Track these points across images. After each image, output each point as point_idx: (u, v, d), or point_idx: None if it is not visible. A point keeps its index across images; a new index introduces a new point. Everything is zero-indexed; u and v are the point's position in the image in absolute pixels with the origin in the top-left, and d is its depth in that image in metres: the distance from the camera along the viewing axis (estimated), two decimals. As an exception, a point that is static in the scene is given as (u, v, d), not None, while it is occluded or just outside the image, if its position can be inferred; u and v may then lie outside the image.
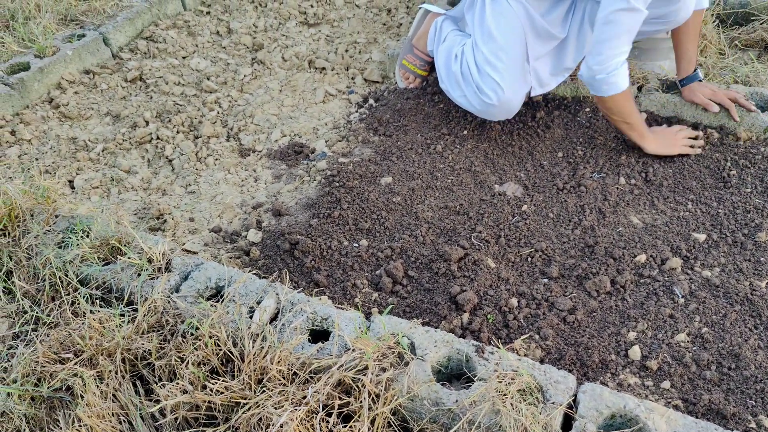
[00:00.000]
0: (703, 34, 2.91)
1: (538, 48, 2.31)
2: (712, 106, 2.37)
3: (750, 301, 1.77)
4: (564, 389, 1.43)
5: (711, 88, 2.41)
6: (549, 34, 2.30)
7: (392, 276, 1.87)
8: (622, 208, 2.09)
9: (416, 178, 2.25)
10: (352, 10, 3.48)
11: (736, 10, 3.12)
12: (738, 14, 3.13)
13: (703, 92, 2.40)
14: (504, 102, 2.28)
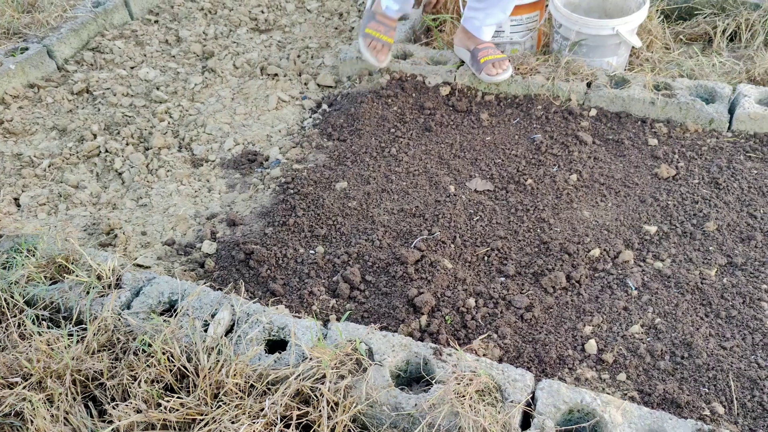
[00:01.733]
0: (648, 30, 2.97)
1: None
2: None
3: (700, 290, 1.80)
4: (522, 387, 1.44)
5: None
6: None
7: (349, 282, 1.86)
8: (575, 203, 2.12)
9: (371, 182, 2.24)
10: (304, 15, 3.46)
11: (679, 5, 3.20)
12: (681, 9, 3.20)
13: None
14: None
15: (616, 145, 2.37)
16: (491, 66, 2.60)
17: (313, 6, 3.52)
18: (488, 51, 2.64)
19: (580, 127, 2.45)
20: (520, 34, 2.90)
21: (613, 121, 2.48)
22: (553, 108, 2.55)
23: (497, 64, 2.61)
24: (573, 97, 2.57)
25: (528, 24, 2.89)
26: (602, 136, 2.41)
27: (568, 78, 2.61)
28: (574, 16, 2.66)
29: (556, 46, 2.87)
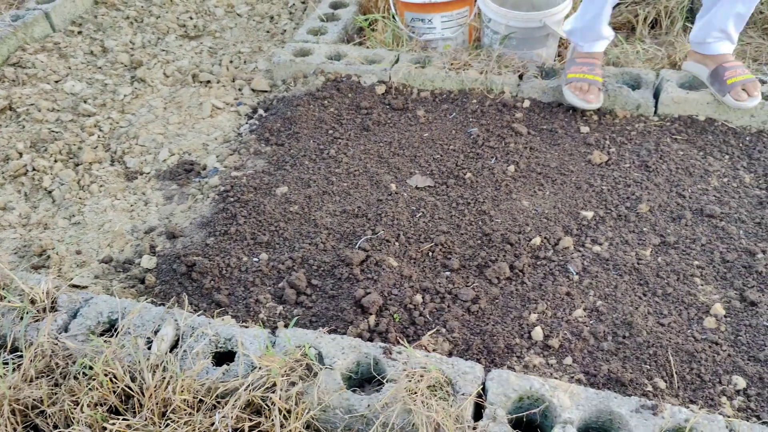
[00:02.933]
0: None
1: None
2: None
3: (637, 271, 1.86)
4: (472, 379, 1.46)
5: None
6: None
7: (295, 287, 1.84)
8: (514, 194, 2.16)
9: (312, 185, 2.22)
10: (234, 19, 3.41)
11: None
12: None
13: None
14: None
15: (550, 134, 2.42)
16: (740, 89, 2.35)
17: (243, 10, 3.47)
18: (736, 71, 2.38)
19: (515, 118, 2.49)
20: (452, 30, 2.94)
21: (546, 111, 2.54)
22: (487, 101, 2.59)
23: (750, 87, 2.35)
24: (506, 90, 2.62)
25: (458, 19, 2.92)
26: (536, 127, 2.46)
27: (500, 71, 2.66)
28: (503, 10, 2.71)
29: (487, 41, 2.91)
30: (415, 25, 2.94)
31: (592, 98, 2.43)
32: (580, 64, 2.48)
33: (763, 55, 2.92)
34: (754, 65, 2.86)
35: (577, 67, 2.47)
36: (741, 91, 2.32)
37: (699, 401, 1.51)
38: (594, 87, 2.44)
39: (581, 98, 2.44)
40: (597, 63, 2.49)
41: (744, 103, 2.32)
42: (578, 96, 2.44)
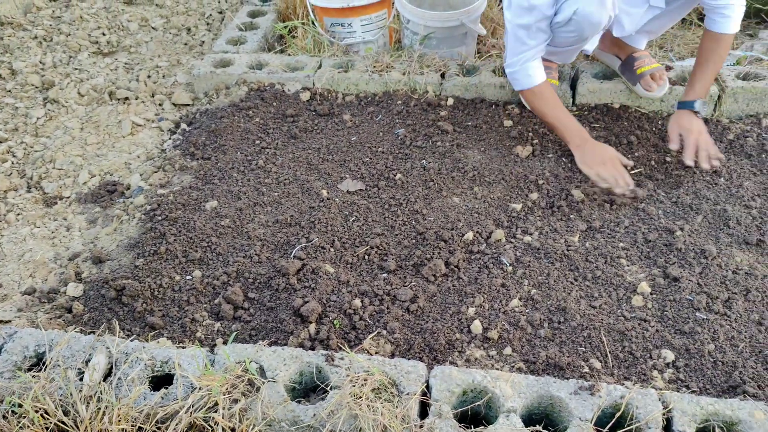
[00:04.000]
0: (490, 18, 3.13)
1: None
2: (672, 142, 2.24)
3: (567, 257, 1.92)
4: (416, 378, 1.47)
5: (693, 127, 2.21)
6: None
7: (232, 302, 1.81)
8: (444, 191, 2.18)
9: (242, 197, 2.19)
10: (149, 33, 3.32)
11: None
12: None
13: (681, 123, 2.24)
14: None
15: (475, 130, 2.47)
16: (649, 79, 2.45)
17: (158, 23, 3.39)
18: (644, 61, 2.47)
19: (440, 117, 2.53)
20: (372, 33, 2.95)
21: (469, 108, 2.58)
22: (412, 102, 2.61)
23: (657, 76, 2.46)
24: (429, 89, 2.65)
25: (378, 22, 2.94)
26: (461, 124, 2.50)
27: (422, 71, 2.69)
28: (420, 11, 2.74)
29: (408, 42, 2.94)
30: (336, 30, 2.94)
31: None
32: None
33: (668, 43, 3.07)
34: (661, 52, 3.00)
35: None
36: (650, 81, 2.43)
37: (633, 377, 1.57)
38: None
39: None
40: (554, 67, 2.57)
41: (653, 93, 2.44)
42: None
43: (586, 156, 2.20)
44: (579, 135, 2.23)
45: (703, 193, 2.13)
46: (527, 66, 2.22)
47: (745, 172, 2.22)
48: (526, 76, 2.24)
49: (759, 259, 1.89)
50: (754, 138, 2.36)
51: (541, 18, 2.09)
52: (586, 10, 2.01)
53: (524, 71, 2.24)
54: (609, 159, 2.17)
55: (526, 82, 2.25)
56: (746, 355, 1.62)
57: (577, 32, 2.12)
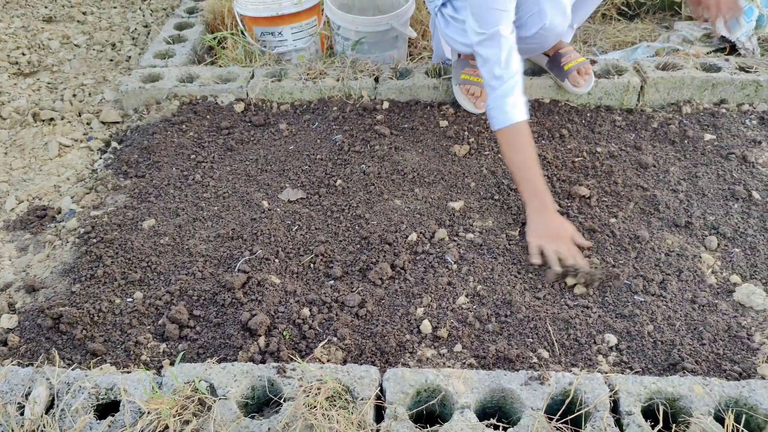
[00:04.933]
0: (420, 20, 3.17)
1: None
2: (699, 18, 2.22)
3: (509, 251, 1.96)
4: (369, 382, 1.47)
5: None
6: None
7: (177, 321, 1.76)
8: (385, 194, 2.19)
9: (181, 214, 2.14)
10: (72, 50, 3.21)
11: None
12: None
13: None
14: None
15: (412, 132, 2.49)
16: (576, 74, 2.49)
17: (80, 40, 3.28)
18: (570, 56, 2.51)
19: (377, 121, 2.54)
20: (303, 41, 2.94)
21: (405, 110, 2.61)
22: (348, 107, 2.62)
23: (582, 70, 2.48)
24: (364, 94, 2.66)
25: (308, 30, 2.94)
26: (398, 126, 2.52)
27: (356, 76, 2.70)
28: (350, 16, 2.75)
29: (340, 48, 2.95)
30: (266, 39, 2.92)
31: (482, 105, 2.50)
32: (474, 66, 2.48)
33: (591, 38, 3.18)
34: (585, 47, 3.11)
35: (471, 69, 2.48)
36: (577, 77, 2.51)
37: (579, 363, 1.62)
38: (486, 92, 2.46)
39: (473, 103, 2.52)
40: None
41: (580, 89, 2.52)
42: (470, 100, 2.52)
43: (539, 225, 1.93)
44: (541, 199, 1.95)
45: (633, 181, 2.21)
46: (504, 101, 1.97)
47: (671, 158, 2.32)
48: (502, 113, 1.98)
49: (688, 240, 1.98)
50: (676, 125, 2.47)
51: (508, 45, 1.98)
52: (554, 22, 2.07)
53: (500, 107, 1.97)
54: (563, 236, 1.91)
55: (501, 119, 1.98)
56: (683, 332, 1.69)
57: (540, 43, 2.17)
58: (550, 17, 2.04)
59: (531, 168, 1.97)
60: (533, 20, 2.07)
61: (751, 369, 1.57)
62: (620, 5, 3.43)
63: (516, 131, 1.97)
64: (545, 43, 2.17)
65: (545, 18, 2.04)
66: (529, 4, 2.07)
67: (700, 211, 2.08)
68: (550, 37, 2.13)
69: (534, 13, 2.07)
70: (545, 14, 2.05)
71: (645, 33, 3.23)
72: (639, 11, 3.45)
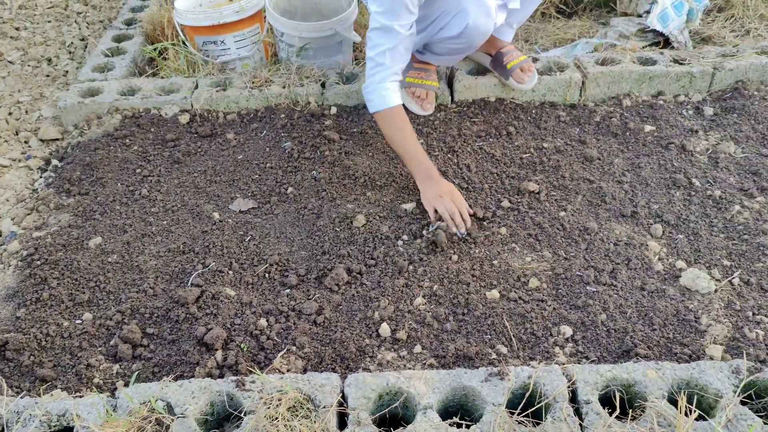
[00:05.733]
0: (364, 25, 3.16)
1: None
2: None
3: (463, 247, 1.97)
4: (330, 390, 1.46)
5: None
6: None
7: (129, 341, 1.72)
8: (338, 200, 2.19)
9: (128, 230, 2.09)
10: (5, 67, 3.09)
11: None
12: None
13: None
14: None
15: (361, 136, 2.49)
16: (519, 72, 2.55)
17: (14, 57, 3.17)
18: (512, 55, 2.57)
19: (325, 126, 2.53)
20: (247, 49, 2.91)
21: (353, 115, 2.61)
22: (295, 114, 2.60)
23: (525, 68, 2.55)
24: (311, 100, 2.65)
25: (251, 37, 2.90)
26: (347, 131, 2.52)
27: (302, 83, 2.68)
28: (293, 22, 2.74)
29: (284, 54, 2.93)
30: (209, 49, 2.88)
31: (429, 107, 2.56)
32: (418, 69, 2.56)
33: (532, 36, 3.24)
34: (527, 45, 3.17)
35: (415, 72, 2.55)
36: (521, 74, 2.55)
37: (537, 356, 1.64)
38: (431, 94, 2.57)
39: (419, 105, 2.56)
40: (433, 69, 2.59)
41: (524, 85, 2.57)
42: (417, 103, 2.56)
43: (427, 192, 2.09)
44: (426, 170, 2.12)
45: (579, 174, 2.26)
46: (381, 87, 2.13)
47: (614, 151, 2.38)
48: (380, 98, 2.14)
49: (635, 229, 2.03)
50: (618, 118, 2.54)
51: (399, 41, 2.09)
52: (477, 22, 2.09)
53: (378, 92, 2.14)
54: (446, 193, 2.06)
55: (379, 103, 2.15)
56: (634, 319, 1.73)
57: (468, 43, 2.20)
58: (473, 17, 2.08)
59: (411, 143, 2.15)
60: (456, 21, 2.10)
61: (700, 351, 1.62)
62: (558, 3, 3.51)
63: (393, 113, 2.15)
64: (472, 42, 2.20)
65: (468, 18, 2.08)
66: (452, 5, 2.11)
67: (645, 201, 2.14)
68: (476, 36, 2.16)
69: (457, 14, 2.11)
70: (468, 14, 2.08)
71: (583, 30, 3.31)
72: (576, 9, 3.53)
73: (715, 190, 2.15)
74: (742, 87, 2.63)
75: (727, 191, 2.15)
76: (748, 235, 1.98)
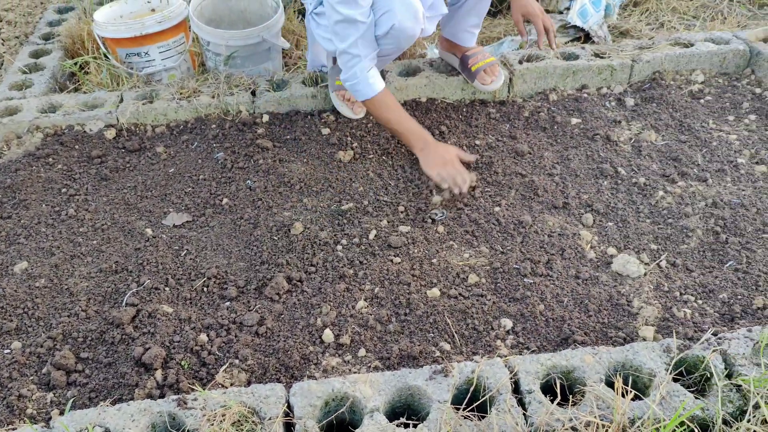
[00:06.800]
0: (291, 30, 3.15)
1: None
2: (522, 33, 2.44)
3: (401, 249, 1.99)
4: (275, 401, 1.44)
5: (536, 9, 2.41)
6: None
7: (63, 367, 1.65)
8: (274, 208, 2.16)
9: (56, 252, 2.01)
10: None
11: (311, 3, 3.43)
12: (314, 7, 3.45)
13: (524, 11, 2.41)
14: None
15: (295, 142, 2.48)
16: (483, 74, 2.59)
17: None
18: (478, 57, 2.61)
19: (258, 134, 2.50)
20: (172, 59, 2.85)
21: (285, 122, 2.59)
22: (227, 124, 2.56)
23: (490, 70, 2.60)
24: (242, 109, 2.61)
25: (176, 48, 2.85)
26: (280, 138, 2.50)
27: (232, 92, 2.64)
28: (218, 31, 2.70)
29: (212, 64, 2.88)
30: (133, 61, 2.80)
31: (359, 110, 2.56)
32: None
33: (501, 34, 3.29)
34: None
35: None
36: (485, 76, 2.60)
37: (480, 351, 1.67)
38: None
39: (350, 108, 2.56)
40: None
41: (489, 86, 2.61)
42: (348, 106, 2.56)
43: (429, 159, 2.20)
44: (422, 138, 2.24)
45: (512, 169, 2.31)
46: (367, 75, 2.18)
47: (544, 144, 2.44)
48: (367, 86, 2.19)
49: (567, 219, 2.09)
50: (546, 113, 2.61)
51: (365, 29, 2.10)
52: (403, 25, 2.11)
53: (365, 81, 2.18)
54: (450, 159, 2.19)
55: (368, 91, 2.20)
56: (571, 307, 1.78)
57: (395, 44, 2.21)
58: (399, 18, 2.10)
59: (405, 120, 2.27)
60: (384, 19, 2.12)
61: (634, 333, 1.68)
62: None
63: (383, 97, 2.23)
64: (399, 44, 2.22)
65: (395, 18, 2.10)
66: (382, 3, 2.13)
67: (575, 192, 2.20)
68: (402, 38, 2.18)
69: (385, 12, 2.12)
70: (395, 14, 2.10)
71: (508, 28, 3.38)
72: (501, 7, 3.61)
73: (640, 178, 2.24)
74: (659, 77, 2.75)
75: (650, 178, 2.24)
76: (672, 218, 2.07)
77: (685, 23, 3.39)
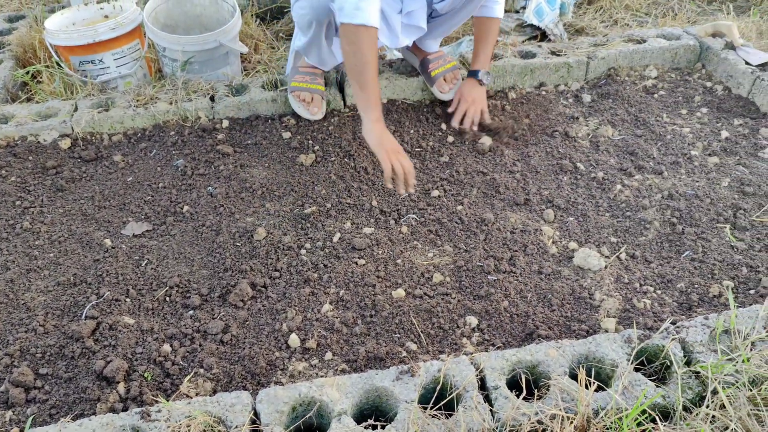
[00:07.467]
0: (250, 34, 3.13)
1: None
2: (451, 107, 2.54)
3: (365, 251, 1.98)
4: (241, 409, 1.42)
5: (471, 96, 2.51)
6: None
7: (21, 384, 1.60)
8: (237, 214, 2.14)
9: (11, 267, 1.96)
10: None
11: (269, 6, 3.42)
12: (273, 9, 3.44)
13: (463, 92, 2.52)
14: None
15: (256, 147, 2.46)
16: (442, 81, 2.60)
17: None
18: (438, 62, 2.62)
19: (218, 140, 2.47)
20: (128, 66, 2.80)
21: (246, 127, 2.56)
22: (186, 130, 2.53)
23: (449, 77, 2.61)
24: (201, 114, 2.58)
25: (132, 54, 2.80)
26: (241, 143, 2.48)
27: (190, 97, 2.61)
28: (174, 36, 2.66)
29: (169, 70, 2.84)
30: (87, 69, 2.74)
31: (316, 110, 2.54)
32: (303, 73, 2.55)
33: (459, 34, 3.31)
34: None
35: (300, 77, 2.55)
36: (443, 83, 2.61)
37: (446, 349, 1.67)
38: (318, 97, 2.55)
39: (307, 109, 2.55)
40: (319, 73, 2.58)
41: (445, 95, 2.62)
42: (304, 107, 2.55)
43: (373, 133, 2.08)
44: (376, 113, 2.09)
45: (473, 168, 2.33)
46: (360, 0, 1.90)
47: (504, 142, 2.47)
48: (354, 8, 1.90)
49: (528, 215, 2.12)
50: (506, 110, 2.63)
51: None
52: None
53: (354, 2, 1.90)
54: (399, 150, 2.10)
55: (351, 13, 1.90)
56: (534, 303, 1.80)
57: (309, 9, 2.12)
58: None
59: (370, 77, 2.01)
60: None
61: (596, 325, 1.71)
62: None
63: (362, 32, 1.93)
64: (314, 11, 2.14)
65: None
66: None
67: (536, 188, 2.23)
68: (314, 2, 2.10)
69: None
70: None
71: (466, 28, 3.40)
72: (458, 8, 3.63)
73: (598, 172, 2.28)
74: (614, 73, 2.80)
75: (608, 172, 2.28)
76: (630, 211, 2.11)
77: (638, 20, 3.47)
